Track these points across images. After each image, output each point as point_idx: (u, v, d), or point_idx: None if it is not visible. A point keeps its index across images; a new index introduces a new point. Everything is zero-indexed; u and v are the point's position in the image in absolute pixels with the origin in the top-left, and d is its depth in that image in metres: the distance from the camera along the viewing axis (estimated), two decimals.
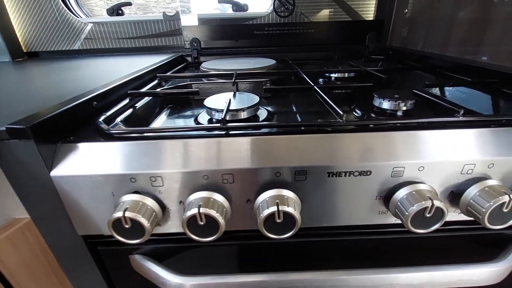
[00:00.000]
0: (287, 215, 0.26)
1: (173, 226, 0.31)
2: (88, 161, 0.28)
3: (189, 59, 0.80)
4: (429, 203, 0.25)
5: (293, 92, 0.46)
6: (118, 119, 0.35)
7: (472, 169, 0.28)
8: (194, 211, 0.25)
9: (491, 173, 0.28)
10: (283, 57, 0.74)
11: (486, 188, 0.27)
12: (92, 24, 0.86)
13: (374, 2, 0.82)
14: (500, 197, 0.26)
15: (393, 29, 0.79)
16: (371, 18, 0.83)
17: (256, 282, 0.33)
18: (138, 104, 0.42)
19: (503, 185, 0.28)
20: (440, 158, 0.28)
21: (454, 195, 0.29)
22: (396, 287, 0.32)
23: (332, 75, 0.59)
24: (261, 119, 0.38)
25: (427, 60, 0.62)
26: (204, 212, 0.25)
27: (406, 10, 0.74)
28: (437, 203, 0.25)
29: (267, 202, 0.26)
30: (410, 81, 0.58)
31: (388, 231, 0.34)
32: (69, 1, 0.86)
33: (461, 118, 0.30)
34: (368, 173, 0.28)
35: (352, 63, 0.65)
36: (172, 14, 0.83)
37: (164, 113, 0.44)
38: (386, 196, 0.29)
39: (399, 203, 0.28)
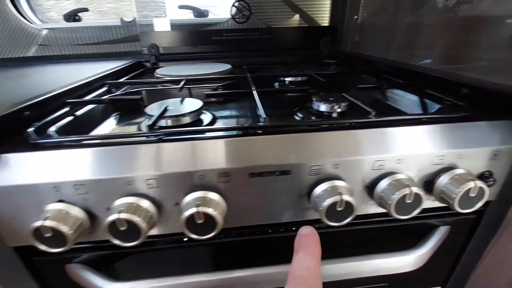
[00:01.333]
0: (207, 216, 0.27)
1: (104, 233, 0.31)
2: (14, 172, 0.28)
3: (148, 65, 0.80)
4: (338, 198, 0.28)
5: (235, 97, 0.47)
6: (52, 128, 0.35)
7: (382, 165, 0.31)
8: (114, 217, 0.26)
9: (399, 168, 0.31)
10: (241, 62, 0.76)
11: (393, 182, 0.30)
12: (47, 30, 0.84)
13: (328, 8, 0.86)
14: (402, 190, 0.28)
15: (346, 34, 0.83)
16: (326, 24, 0.87)
17: (195, 282, 0.34)
18: (79, 112, 0.42)
19: (408, 177, 0.31)
20: (354, 156, 0.30)
21: (369, 189, 0.32)
22: (323, 278, 0.34)
23: (286, 79, 0.61)
24: (205, 123, 0.40)
25: (373, 64, 0.66)
26: (126, 218, 0.26)
27: (356, 17, 0.78)
28: (345, 197, 0.28)
29: (188, 204, 0.27)
30: (355, 84, 0.62)
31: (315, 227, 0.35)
32: (21, 7, 0.84)
33: (373, 119, 0.32)
34: (288, 172, 0.30)
35: (304, 67, 0.68)
36: (130, 20, 0.83)
37: (109, 120, 0.44)
38: (308, 193, 0.31)
39: (316, 199, 0.30)
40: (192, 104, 0.41)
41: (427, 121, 0.33)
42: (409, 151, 0.31)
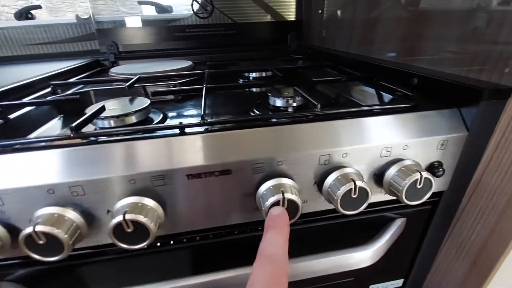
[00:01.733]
0: (138, 224, 0.25)
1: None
2: None
3: (107, 63, 0.75)
4: (280, 196, 0.26)
5: (191, 95, 0.45)
6: None
7: (329, 160, 0.30)
8: (28, 230, 0.23)
9: (347, 162, 0.30)
10: (205, 59, 0.74)
11: (339, 176, 0.29)
12: None
13: (295, 3, 0.85)
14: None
15: (313, 29, 0.83)
16: (293, 19, 0.86)
17: None
18: (13, 116, 0.39)
19: (356, 171, 0.30)
20: (298, 151, 0.29)
21: (318, 185, 0.31)
22: None
23: (250, 74, 0.59)
24: (155, 122, 0.37)
25: (335, 58, 0.65)
26: (43, 231, 0.23)
27: (320, 11, 0.77)
28: (288, 195, 0.26)
29: (118, 212, 0.25)
30: (316, 77, 0.61)
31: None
32: None
33: (318, 112, 0.31)
34: (228, 172, 0.28)
35: (269, 63, 0.66)
36: (86, 17, 0.78)
37: (49, 124, 0.41)
38: (252, 193, 0.29)
39: (261, 198, 0.28)
40: (139, 103, 0.39)
41: (373, 112, 0.32)
42: (355, 144, 0.30)
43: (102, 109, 0.34)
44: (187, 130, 0.29)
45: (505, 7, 0.32)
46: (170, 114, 0.40)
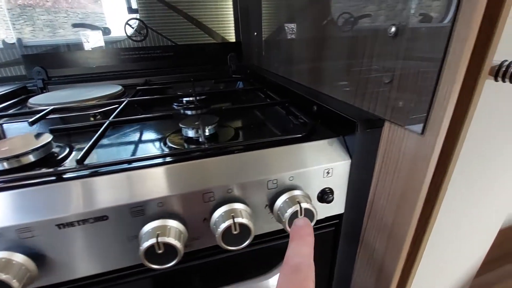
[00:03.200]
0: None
1: None
2: None
3: (36, 90, 0.72)
4: (153, 240, 0.26)
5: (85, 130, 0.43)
6: None
7: (214, 197, 0.30)
8: None
9: (233, 197, 0.31)
10: (142, 81, 0.73)
11: (223, 213, 0.29)
12: None
13: (233, 24, 0.87)
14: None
15: (252, 50, 0.85)
16: (233, 40, 0.88)
17: None
18: None
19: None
20: (178, 190, 0.29)
21: (206, 219, 0.31)
22: None
23: (184, 99, 0.59)
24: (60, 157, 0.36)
25: (264, 81, 0.67)
26: None
27: (256, 33, 0.80)
28: (167, 239, 0.26)
29: None
30: (248, 100, 0.62)
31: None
32: None
33: (203, 147, 0.32)
34: (105, 218, 0.27)
35: (206, 84, 0.67)
36: (13, 42, 0.75)
37: None
38: (135, 236, 0.29)
39: (140, 240, 0.28)
40: (42, 139, 0.37)
41: (264, 145, 0.33)
42: (239, 180, 0.31)
43: None
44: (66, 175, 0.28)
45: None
46: (77, 147, 0.39)
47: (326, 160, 0.34)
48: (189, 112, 0.56)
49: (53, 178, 0.28)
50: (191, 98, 0.59)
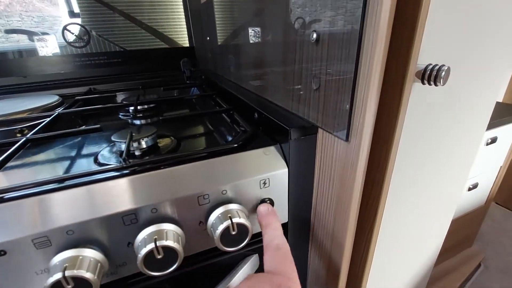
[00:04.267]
0: None
1: None
2: None
3: None
4: (60, 276, 0.23)
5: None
6: None
7: (136, 219, 0.28)
8: None
9: (155, 217, 0.28)
10: (85, 90, 0.68)
11: (150, 233, 0.27)
12: None
13: (186, 29, 0.84)
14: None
15: (205, 55, 0.83)
16: (187, 45, 0.85)
17: None
18: None
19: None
20: (95, 214, 0.26)
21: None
22: None
23: (131, 108, 0.55)
24: None
25: (215, 87, 0.66)
26: None
27: (208, 38, 0.78)
28: (72, 272, 0.23)
29: None
30: (201, 107, 0.60)
31: None
32: None
33: (138, 161, 0.29)
34: (2, 253, 0.24)
35: (155, 92, 0.64)
36: None
37: None
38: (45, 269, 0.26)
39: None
40: None
41: (195, 158, 0.31)
42: (167, 196, 0.28)
43: None
44: None
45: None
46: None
47: (262, 170, 0.32)
48: (137, 122, 0.53)
49: None
50: (139, 107, 0.56)
